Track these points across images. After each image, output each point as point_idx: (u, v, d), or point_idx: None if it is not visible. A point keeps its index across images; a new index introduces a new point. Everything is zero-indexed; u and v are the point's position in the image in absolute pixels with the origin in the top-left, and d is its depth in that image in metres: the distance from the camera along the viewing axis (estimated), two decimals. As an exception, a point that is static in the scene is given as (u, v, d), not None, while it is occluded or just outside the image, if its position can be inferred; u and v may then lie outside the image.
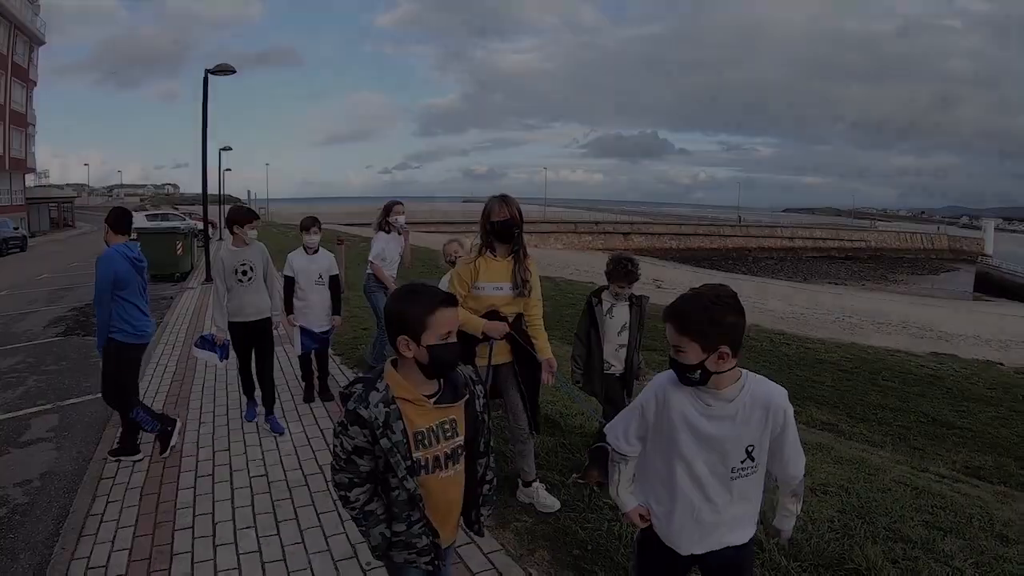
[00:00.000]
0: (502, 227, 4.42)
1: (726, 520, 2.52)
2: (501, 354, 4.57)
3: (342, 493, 2.48)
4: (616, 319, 5.10)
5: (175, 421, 6.10)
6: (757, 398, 2.42)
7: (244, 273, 6.41)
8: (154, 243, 18.50)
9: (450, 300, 2.42)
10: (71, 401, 8.08)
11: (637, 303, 5.13)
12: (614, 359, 5.12)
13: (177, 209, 55.78)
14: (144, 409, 5.84)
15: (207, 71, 18.93)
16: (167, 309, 14.50)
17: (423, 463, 2.43)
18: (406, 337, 2.35)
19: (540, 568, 4.06)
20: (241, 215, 6.60)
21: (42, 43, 58.39)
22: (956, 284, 62.73)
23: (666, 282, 35.95)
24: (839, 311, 28.91)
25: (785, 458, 2.51)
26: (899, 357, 16.34)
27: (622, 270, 5.01)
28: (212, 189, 22.66)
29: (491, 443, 2.74)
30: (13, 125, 52.26)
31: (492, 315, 4.47)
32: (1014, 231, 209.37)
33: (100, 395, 6.07)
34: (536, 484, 4.84)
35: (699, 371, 2.34)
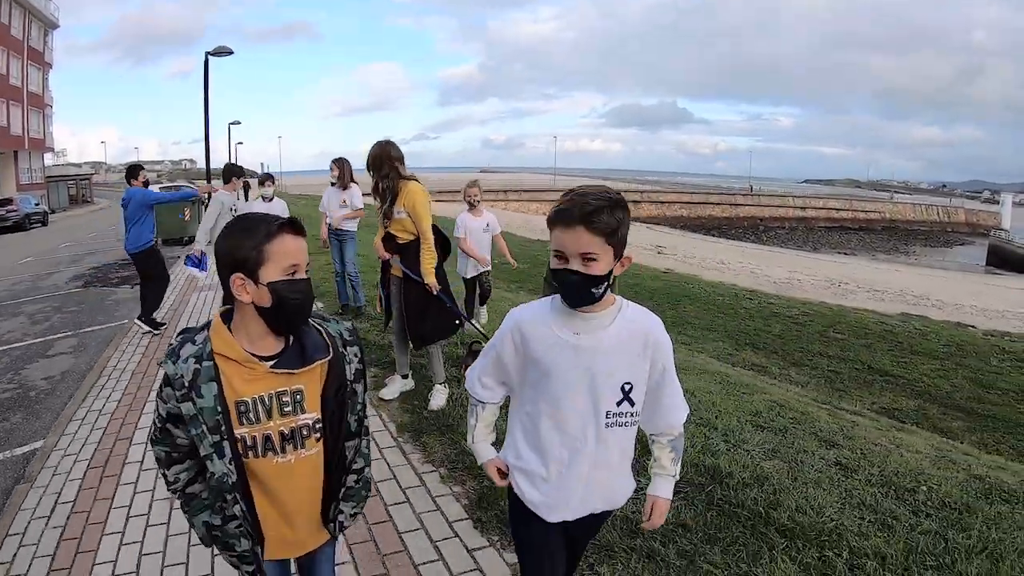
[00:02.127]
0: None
1: (599, 480, 2.18)
2: (397, 271, 5.58)
3: (160, 470, 2.09)
4: None
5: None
6: (635, 326, 2.09)
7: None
8: (164, 210, 19.77)
9: (294, 226, 1.96)
10: (86, 329, 10.50)
11: None
12: None
13: (193, 183, 57.12)
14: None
15: (207, 53, 20.98)
16: (175, 264, 15.97)
17: (248, 442, 1.95)
18: (241, 275, 1.88)
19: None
20: (227, 172, 9.23)
21: (56, 26, 60.66)
22: (969, 257, 62.60)
23: (667, 248, 36.35)
24: (837, 279, 29.27)
25: (664, 403, 2.20)
26: (861, 315, 16.88)
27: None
28: (219, 162, 23.91)
29: (365, 422, 2.25)
30: (31, 106, 54.83)
31: (388, 238, 5.56)
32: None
33: (113, 324, 10.42)
34: (438, 387, 5.63)
35: (606, 283, 1.97)
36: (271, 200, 9.77)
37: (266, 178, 10.15)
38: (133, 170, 9.20)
